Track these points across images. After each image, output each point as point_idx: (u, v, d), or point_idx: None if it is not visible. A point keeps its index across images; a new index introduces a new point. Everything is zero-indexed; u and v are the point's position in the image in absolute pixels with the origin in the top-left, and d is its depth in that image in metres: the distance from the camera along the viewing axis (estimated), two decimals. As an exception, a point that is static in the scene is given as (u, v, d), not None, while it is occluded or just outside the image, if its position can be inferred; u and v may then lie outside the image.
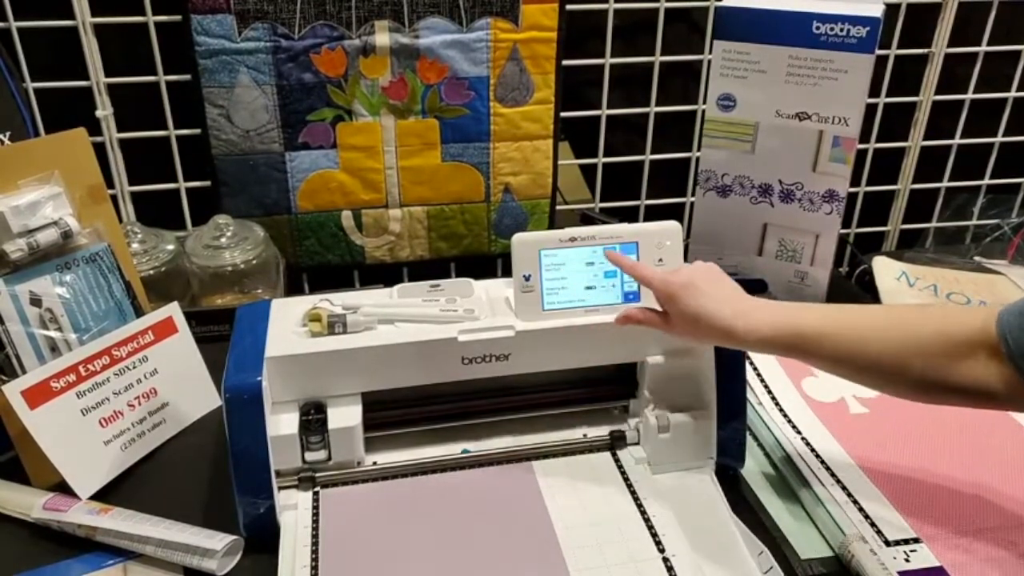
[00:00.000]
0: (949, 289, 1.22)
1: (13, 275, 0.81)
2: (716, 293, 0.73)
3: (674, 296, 0.73)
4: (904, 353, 0.66)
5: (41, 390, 0.79)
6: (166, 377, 0.90)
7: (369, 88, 1.15)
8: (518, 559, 0.73)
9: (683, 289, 0.73)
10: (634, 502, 0.79)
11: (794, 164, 1.09)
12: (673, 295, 0.73)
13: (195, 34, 1.09)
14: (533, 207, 1.27)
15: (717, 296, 0.72)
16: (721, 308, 0.71)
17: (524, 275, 0.81)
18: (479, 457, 0.84)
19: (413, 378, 0.82)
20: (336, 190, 1.20)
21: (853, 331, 0.68)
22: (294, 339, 0.80)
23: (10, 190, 0.82)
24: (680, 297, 0.73)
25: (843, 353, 0.68)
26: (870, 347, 0.67)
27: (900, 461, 0.85)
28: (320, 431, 0.79)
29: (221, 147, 1.15)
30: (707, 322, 0.71)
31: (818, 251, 1.12)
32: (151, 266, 1.06)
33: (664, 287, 0.74)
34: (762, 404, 0.94)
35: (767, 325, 0.70)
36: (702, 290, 0.72)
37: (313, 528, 0.76)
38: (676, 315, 0.74)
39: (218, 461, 0.86)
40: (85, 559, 0.75)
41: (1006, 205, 1.44)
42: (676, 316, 0.74)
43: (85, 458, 0.81)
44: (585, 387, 0.88)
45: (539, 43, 1.17)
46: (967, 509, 0.79)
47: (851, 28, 1.00)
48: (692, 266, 0.77)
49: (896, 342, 0.66)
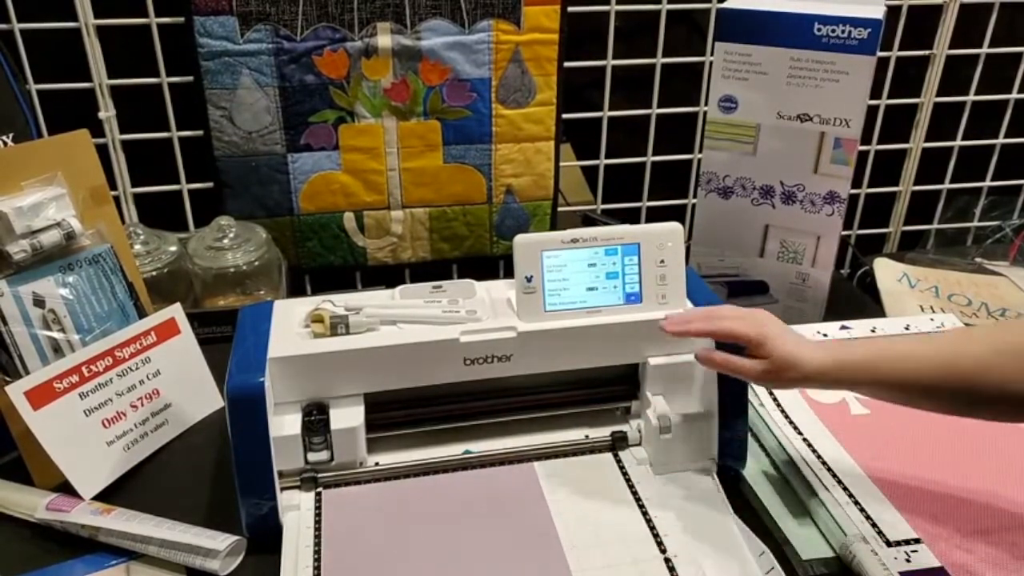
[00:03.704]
0: (950, 291, 1.22)
1: (16, 276, 0.82)
2: (793, 336, 0.72)
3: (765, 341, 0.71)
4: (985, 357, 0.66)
5: (44, 391, 0.79)
6: (169, 378, 0.91)
7: (371, 90, 1.16)
8: (520, 559, 0.73)
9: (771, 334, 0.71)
10: (636, 503, 0.79)
11: (795, 166, 1.09)
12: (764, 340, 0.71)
13: (198, 36, 1.09)
14: (535, 209, 1.28)
15: (795, 339, 0.71)
16: (801, 349, 0.70)
17: (526, 276, 0.81)
18: (481, 458, 0.85)
19: (415, 379, 0.82)
20: (338, 192, 1.21)
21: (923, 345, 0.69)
22: (297, 340, 0.80)
23: (13, 191, 0.82)
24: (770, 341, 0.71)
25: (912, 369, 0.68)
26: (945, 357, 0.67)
27: (901, 462, 0.85)
28: (322, 432, 0.80)
29: (223, 149, 1.15)
30: (800, 364, 0.70)
31: (819, 253, 1.12)
32: (154, 267, 1.06)
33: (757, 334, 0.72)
34: (763, 405, 0.94)
35: (839, 354, 0.70)
36: (782, 334, 0.71)
37: (315, 529, 0.76)
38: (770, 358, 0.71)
39: (220, 462, 0.87)
40: (88, 559, 0.75)
41: (1007, 207, 1.44)
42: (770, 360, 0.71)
43: (88, 459, 0.81)
44: (587, 388, 0.88)
45: (541, 45, 1.17)
46: (968, 510, 0.79)
47: (852, 30, 1.00)
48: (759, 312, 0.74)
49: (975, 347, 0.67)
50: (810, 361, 0.69)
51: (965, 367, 0.67)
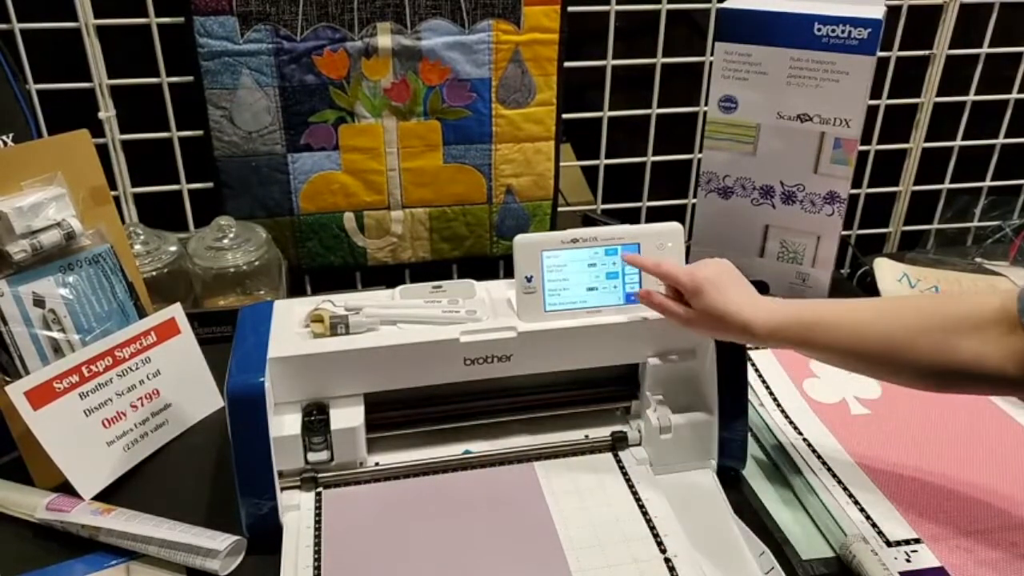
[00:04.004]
0: (950, 290, 1.22)
1: (16, 276, 0.82)
2: (737, 290, 0.74)
3: (701, 291, 0.73)
4: (912, 333, 0.66)
5: (44, 391, 0.79)
6: (169, 378, 0.91)
7: (371, 90, 1.16)
8: (520, 559, 0.73)
9: (709, 285, 0.73)
10: (636, 503, 0.80)
11: (795, 166, 1.10)
12: (700, 290, 0.73)
13: (198, 36, 1.09)
14: (535, 209, 1.28)
15: (739, 293, 0.73)
16: (742, 305, 0.72)
17: (526, 276, 0.81)
18: (481, 458, 0.85)
19: (415, 379, 0.82)
20: (338, 192, 1.21)
21: (861, 315, 0.70)
22: (297, 340, 0.80)
23: (13, 191, 0.82)
24: (707, 292, 0.73)
25: (853, 339, 0.69)
26: (876, 330, 0.68)
27: (901, 462, 0.85)
28: (322, 432, 0.80)
29: (223, 149, 1.16)
30: (730, 318, 0.72)
31: (819, 252, 1.13)
32: (154, 267, 1.06)
33: (691, 282, 0.74)
34: (763, 405, 0.94)
35: (780, 316, 0.71)
36: (726, 286, 0.73)
37: (315, 529, 0.76)
38: (701, 309, 0.74)
39: (221, 462, 0.87)
40: (88, 559, 0.75)
41: (1007, 207, 1.44)
42: (700, 310, 0.74)
43: (88, 459, 0.81)
44: (587, 388, 0.89)
45: (541, 45, 1.17)
46: (968, 510, 0.79)
47: (852, 30, 1.00)
48: (712, 262, 0.77)
49: (904, 322, 0.67)
50: (748, 320, 0.71)
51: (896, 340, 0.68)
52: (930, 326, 0.66)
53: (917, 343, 0.66)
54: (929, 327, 0.66)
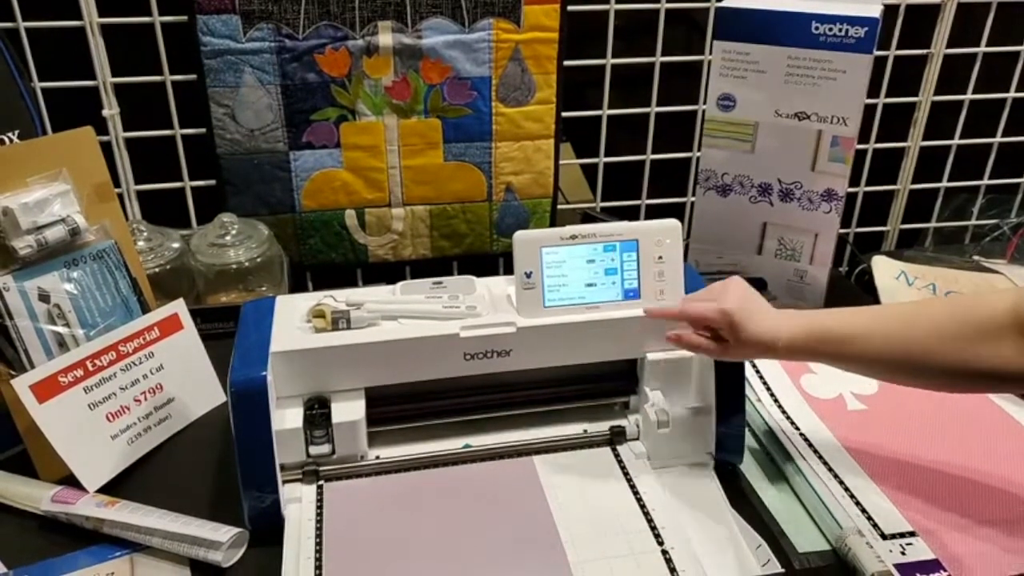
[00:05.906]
0: (948, 288, 1.22)
1: (22, 271, 0.82)
2: (762, 313, 0.75)
3: (735, 324, 0.74)
4: (929, 342, 0.68)
5: (49, 385, 0.80)
6: (172, 373, 0.91)
7: (372, 88, 1.16)
8: (519, 552, 0.74)
9: (741, 315, 0.73)
10: (634, 496, 0.80)
11: (793, 164, 1.10)
12: (734, 323, 0.74)
13: (201, 34, 1.10)
14: (535, 206, 1.28)
15: (764, 315, 0.74)
16: (777, 328, 0.73)
17: (525, 272, 0.82)
18: (481, 452, 0.85)
19: (416, 373, 0.83)
20: (340, 189, 1.21)
21: (878, 326, 0.71)
22: (299, 335, 0.81)
23: (19, 187, 0.83)
24: (742, 324, 0.73)
25: (872, 350, 0.70)
26: (902, 339, 0.69)
27: (897, 456, 0.86)
28: (324, 425, 0.80)
29: (226, 146, 1.16)
30: (769, 343, 0.73)
31: (817, 250, 1.13)
32: (157, 264, 1.06)
33: (723, 317, 0.74)
34: (761, 400, 0.95)
35: (801, 332, 0.72)
36: (753, 312, 0.74)
37: (317, 521, 0.77)
38: (738, 340, 0.74)
39: (223, 455, 0.87)
40: (92, 551, 0.76)
41: (1005, 205, 1.45)
42: (738, 341, 0.74)
43: (92, 452, 0.82)
44: (586, 383, 0.89)
45: (541, 43, 1.18)
46: (962, 503, 0.80)
47: (850, 28, 1.00)
48: (730, 288, 0.77)
49: (922, 331, 0.69)
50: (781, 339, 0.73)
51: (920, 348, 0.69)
52: (949, 334, 0.68)
53: (940, 350, 0.68)
54: (948, 335, 0.68)
